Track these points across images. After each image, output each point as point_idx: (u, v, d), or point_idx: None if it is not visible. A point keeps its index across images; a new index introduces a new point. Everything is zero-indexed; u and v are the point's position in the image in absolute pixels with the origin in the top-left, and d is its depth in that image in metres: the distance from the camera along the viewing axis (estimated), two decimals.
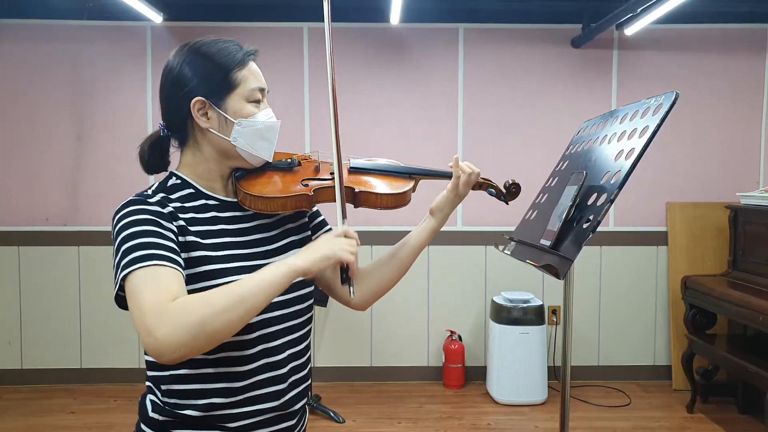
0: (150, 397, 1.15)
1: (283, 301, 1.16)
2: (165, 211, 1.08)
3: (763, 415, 2.92)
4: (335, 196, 1.19)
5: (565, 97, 4.02)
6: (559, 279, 1.24)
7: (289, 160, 1.25)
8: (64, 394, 3.86)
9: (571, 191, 1.36)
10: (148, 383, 1.17)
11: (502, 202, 1.43)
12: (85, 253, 3.99)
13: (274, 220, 1.23)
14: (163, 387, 1.12)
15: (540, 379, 3.74)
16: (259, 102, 1.17)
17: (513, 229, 1.67)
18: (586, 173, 1.36)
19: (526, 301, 3.76)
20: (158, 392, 1.13)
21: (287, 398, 1.17)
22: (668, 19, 3.66)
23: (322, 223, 1.35)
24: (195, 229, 1.11)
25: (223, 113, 1.13)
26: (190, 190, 1.16)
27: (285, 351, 1.17)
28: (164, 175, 1.20)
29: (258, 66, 1.19)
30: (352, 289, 1.17)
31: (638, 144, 1.22)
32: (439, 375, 4.07)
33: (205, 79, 1.13)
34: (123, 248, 1.01)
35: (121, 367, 4.01)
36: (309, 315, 1.25)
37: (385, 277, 1.34)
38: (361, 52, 3.99)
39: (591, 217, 1.23)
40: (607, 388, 3.99)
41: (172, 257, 1.02)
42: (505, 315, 3.74)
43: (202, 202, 1.16)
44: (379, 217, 3.84)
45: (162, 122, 1.20)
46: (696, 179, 4.05)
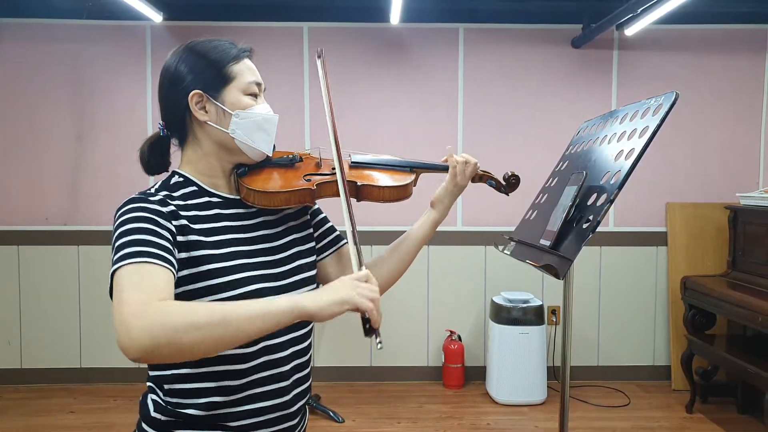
0: (152, 396, 1.15)
1: None
2: (165, 210, 1.08)
3: (763, 415, 2.92)
4: (338, 190, 1.20)
5: (565, 97, 4.02)
6: (559, 279, 1.25)
7: (291, 157, 1.27)
8: (64, 394, 3.86)
9: (571, 191, 1.36)
10: (149, 383, 1.17)
11: (503, 194, 1.46)
12: (85, 253, 3.99)
13: (277, 217, 1.23)
14: (166, 386, 1.12)
15: (539, 379, 3.74)
16: (257, 96, 1.19)
17: (513, 229, 1.67)
18: (586, 173, 1.36)
19: (526, 302, 3.76)
20: (160, 392, 1.13)
21: (290, 396, 1.17)
22: (668, 20, 3.66)
23: (324, 220, 1.35)
24: (198, 227, 1.11)
25: (221, 105, 1.14)
26: (193, 188, 1.17)
27: (288, 348, 1.17)
28: (165, 175, 1.21)
29: (255, 65, 1.21)
30: (378, 341, 1.03)
31: (638, 144, 1.22)
32: (439, 375, 4.07)
33: (201, 74, 1.14)
34: (117, 244, 1.01)
35: (121, 366, 4.00)
36: None
37: (388, 271, 1.34)
38: (361, 52, 3.99)
39: (591, 218, 1.23)
40: (606, 388, 3.99)
41: (164, 256, 1.01)
42: (504, 315, 3.74)
43: (205, 199, 1.16)
44: (379, 216, 3.83)
45: (161, 122, 1.21)
46: (696, 179, 4.05)
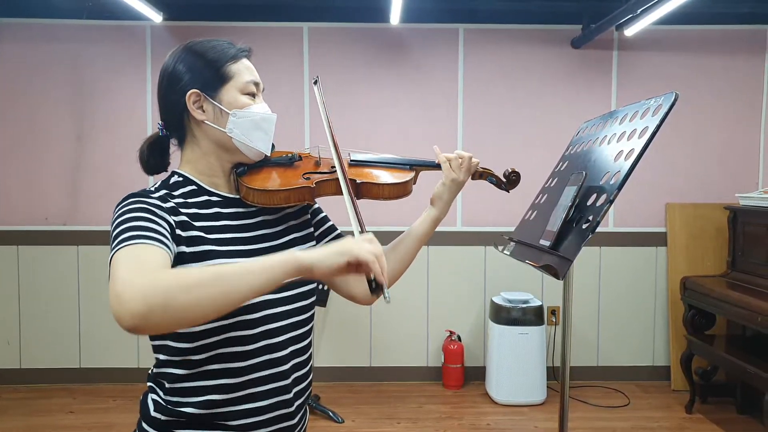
0: (152, 396, 1.15)
1: (287, 297, 1.17)
2: (165, 205, 1.08)
3: (762, 415, 2.92)
4: (337, 188, 1.20)
5: (565, 98, 4.02)
6: (559, 279, 1.25)
7: (290, 156, 1.27)
8: (64, 394, 3.86)
9: (570, 192, 1.36)
10: (149, 383, 1.17)
11: (503, 191, 1.47)
12: (85, 253, 3.99)
13: (277, 216, 1.23)
14: (167, 385, 1.12)
15: (539, 379, 3.75)
16: (254, 95, 1.19)
17: (512, 230, 1.67)
18: (586, 174, 1.36)
19: (526, 302, 3.76)
20: (161, 391, 1.13)
21: (290, 395, 1.17)
22: (668, 20, 3.66)
23: (325, 219, 1.36)
24: (199, 224, 1.11)
25: (218, 104, 1.15)
26: (193, 187, 1.17)
27: (287, 347, 1.17)
28: (165, 175, 1.21)
29: (254, 65, 1.21)
30: (386, 296, 1.01)
31: (638, 145, 1.22)
32: (439, 375, 4.07)
33: (199, 73, 1.14)
34: (115, 233, 1.01)
35: (121, 366, 4.01)
36: (312, 312, 1.25)
37: (390, 268, 1.33)
38: (361, 52, 3.99)
39: (590, 218, 1.23)
40: (606, 389, 3.99)
41: (161, 239, 1.00)
42: (504, 315, 3.74)
43: (205, 198, 1.17)
44: (380, 216, 3.83)
45: (161, 122, 1.21)
46: (695, 180, 4.05)
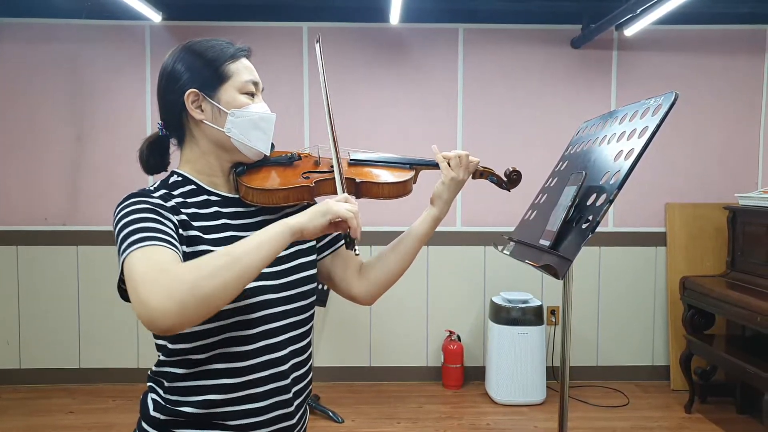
0: (152, 396, 1.15)
1: (287, 297, 1.17)
2: (167, 204, 1.09)
3: (762, 415, 2.92)
4: (336, 189, 1.21)
5: (565, 97, 4.02)
6: (558, 279, 1.25)
7: (289, 155, 1.27)
8: (63, 394, 3.86)
9: (570, 191, 1.36)
10: (149, 383, 1.17)
11: (504, 190, 1.46)
12: (84, 253, 3.99)
13: (277, 216, 1.23)
14: (167, 384, 1.12)
15: (539, 379, 3.75)
16: (253, 95, 1.18)
17: (512, 230, 1.67)
18: (586, 174, 1.36)
19: (525, 302, 3.76)
20: (160, 390, 1.13)
21: (289, 395, 1.17)
22: (668, 20, 3.66)
23: None
24: (198, 224, 1.11)
25: (216, 104, 1.15)
26: (192, 187, 1.17)
27: (286, 347, 1.17)
28: (165, 175, 1.21)
29: (254, 65, 1.21)
30: (356, 249, 1.16)
31: (637, 144, 1.22)
32: (438, 375, 4.07)
33: (197, 73, 1.15)
34: (122, 234, 1.01)
35: (120, 366, 4.01)
36: (311, 312, 1.25)
37: (390, 268, 1.33)
38: (361, 52, 3.99)
39: (590, 218, 1.23)
40: (605, 389, 3.99)
41: (170, 240, 1.02)
42: (504, 315, 3.74)
43: (204, 198, 1.17)
44: (380, 217, 3.84)
45: (160, 122, 1.21)
46: (695, 180, 4.06)
